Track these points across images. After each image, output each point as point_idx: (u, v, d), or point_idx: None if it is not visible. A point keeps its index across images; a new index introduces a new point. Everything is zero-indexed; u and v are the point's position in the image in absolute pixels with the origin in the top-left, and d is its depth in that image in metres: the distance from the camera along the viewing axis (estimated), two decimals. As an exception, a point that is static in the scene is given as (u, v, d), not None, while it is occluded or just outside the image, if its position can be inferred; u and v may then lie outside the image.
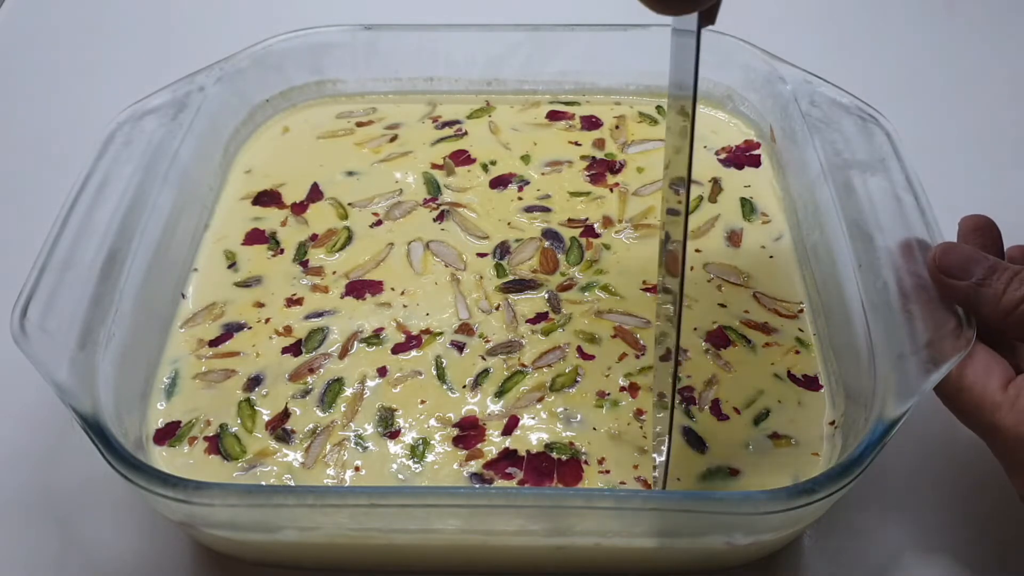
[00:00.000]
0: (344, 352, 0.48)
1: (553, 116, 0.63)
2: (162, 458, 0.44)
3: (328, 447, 0.44)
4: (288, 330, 0.49)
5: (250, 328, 0.50)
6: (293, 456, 0.44)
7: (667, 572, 0.44)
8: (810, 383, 0.47)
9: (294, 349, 0.48)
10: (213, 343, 0.49)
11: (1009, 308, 0.40)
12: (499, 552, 0.42)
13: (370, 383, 0.47)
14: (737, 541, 0.40)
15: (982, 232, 0.45)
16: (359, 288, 0.51)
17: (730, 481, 0.43)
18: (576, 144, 0.61)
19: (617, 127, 0.62)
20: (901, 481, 0.47)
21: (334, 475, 0.43)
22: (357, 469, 0.44)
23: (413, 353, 0.48)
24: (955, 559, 0.44)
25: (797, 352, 0.48)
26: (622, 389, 0.47)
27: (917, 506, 0.46)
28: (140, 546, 0.45)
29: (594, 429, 0.45)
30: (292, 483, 0.43)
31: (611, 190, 0.57)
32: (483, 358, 0.48)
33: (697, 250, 0.53)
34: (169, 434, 0.45)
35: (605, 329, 0.49)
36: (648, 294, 0.51)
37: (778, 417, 0.45)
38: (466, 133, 0.61)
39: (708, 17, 0.38)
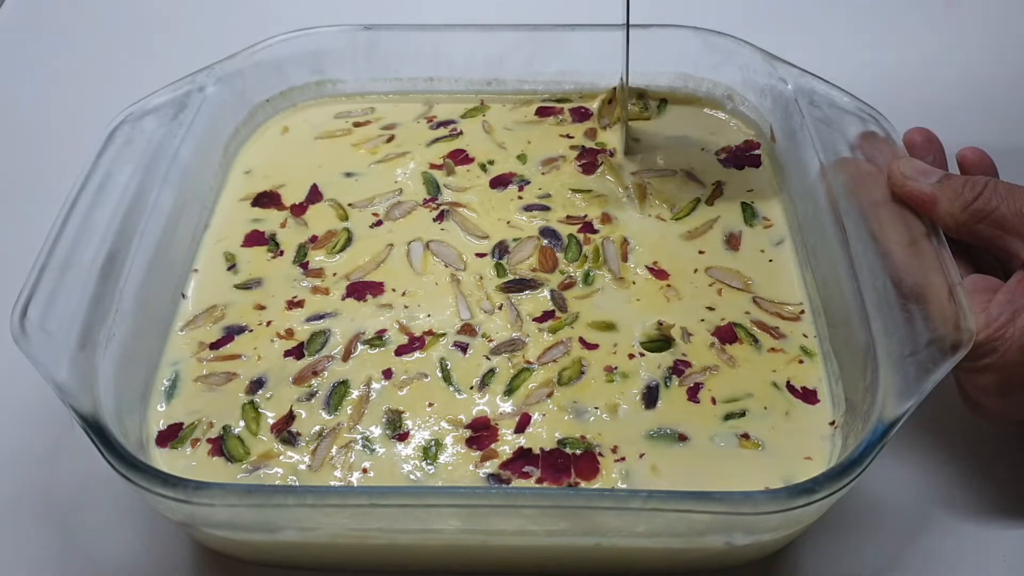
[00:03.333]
0: (347, 354, 0.48)
1: (543, 112, 0.63)
2: (164, 460, 0.44)
3: (335, 450, 0.44)
4: (290, 333, 0.49)
5: (251, 331, 0.49)
6: (299, 458, 0.44)
7: (667, 572, 0.44)
8: (808, 396, 0.46)
9: (296, 352, 0.48)
10: (214, 345, 0.49)
11: (966, 204, 0.44)
12: (499, 552, 0.42)
13: (376, 385, 0.47)
14: (737, 541, 0.40)
15: (931, 144, 0.50)
16: (360, 290, 0.51)
17: (676, 445, 0.44)
18: (568, 137, 0.61)
19: (610, 101, 0.61)
20: (904, 478, 0.47)
21: (340, 477, 0.43)
22: (365, 471, 0.43)
23: (417, 355, 0.48)
24: (957, 557, 0.44)
25: (801, 362, 0.48)
26: (630, 356, 0.47)
27: (918, 504, 0.46)
28: (140, 546, 0.45)
29: (597, 408, 0.45)
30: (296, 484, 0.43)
31: (608, 155, 0.58)
32: (487, 358, 0.48)
33: (700, 251, 0.53)
34: (171, 436, 0.45)
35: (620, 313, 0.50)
36: (651, 274, 0.52)
37: (755, 422, 0.45)
38: (461, 133, 0.61)
39: None
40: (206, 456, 0.44)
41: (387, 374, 0.47)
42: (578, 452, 0.44)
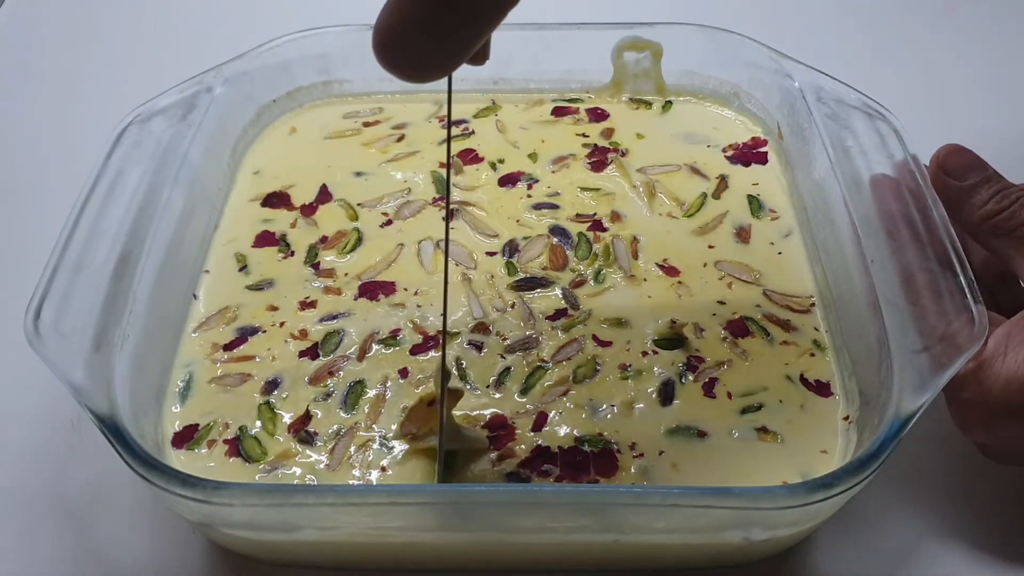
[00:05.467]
0: (362, 354, 0.48)
1: (559, 112, 0.63)
2: (180, 462, 0.44)
3: (352, 449, 0.44)
4: (304, 333, 0.49)
5: (264, 332, 0.49)
6: (317, 458, 0.44)
7: (684, 568, 0.44)
8: (821, 389, 0.47)
9: (311, 352, 0.48)
10: (228, 347, 0.49)
11: (986, 216, 0.43)
12: (517, 550, 0.42)
13: (391, 384, 0.47)
14: (754, 536, 0.40)
15: None
16: (372, 289, 0.51)
17: (696, 441, 0.44)
18: (584, 136, 0.61)
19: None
20: (915, 475, 0.47)
21: (359, 476, 0.43)
22: (383, 470, 0.43)
23: (432, 354, 0.48)
24: (970, 551, 0.45)
25: (812, 355, 0.48)
26: (643, 354, 0.47)
27: (931, 499, 0.46)
28: (154, 546, 0.45)
29: (613, 406, 0.45)
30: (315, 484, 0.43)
31: (618, 154, 0.58)
32: (502, 356, 0.48)
33: (710, 246, 0.54)
34: (187, 437, 0.45)
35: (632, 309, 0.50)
36: (662, 271, 0.52)
37: (772, 415, 0.45)
38: (473, 132, 0.61)
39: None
40: (223, 457, 0.44)
41: (403, 373, 0.47)
42: (596, 450, 0.44)
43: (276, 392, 0.47)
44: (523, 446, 0.44)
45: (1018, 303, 0.43)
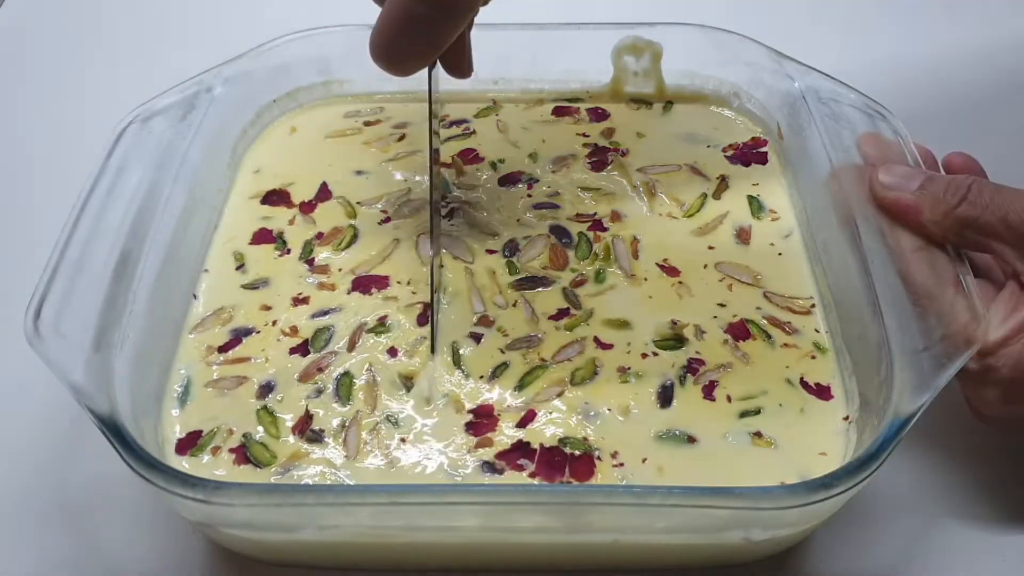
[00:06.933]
0: (352, 345, 0.48)
1: (560, 112, 0.63)
2: (184, 469, 0.43)
3: (364, 435, 0.44)
4: (294, 330, 0.49)
5: (258, 332, 0.49)
6: (333, 452, 0.44)
7: (684, 568, 0.44)
8: (822, 392, 0.47)
9: (301, 349, 0.48)
10: (222, 349, 0.48)
11: (949, 209, 0.43)
12: (517, 550, 0.42)
13: (377, 367, 0.47)
14: (754, 537, 0.40)
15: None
16: (365, 283, 0.51)
17: (685, 447, 0.44)
18: (584, 135, 0.61)
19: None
20: (915, 474, 0.47)
21: (383, 456, 0.43)
22: (404, 440, 0.44)
23: (423, 330, 0.48)
24: (970, 551, 0.45)
25: (813, 357, 0.48)
26: (643, 356, 0.47)
27: (931, 499, 0.46)
28: (155, 546, 0.45)
29: (609, 410, 0.45)
30: (346, 479, 0.43)
31: (618, 154, 0.59)
32: (502, 351, 0.48)
33: (710, 247, 0.54)
34: (190, 444, 0.45)
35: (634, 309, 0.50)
36: (662, 271, 0.52)
37: (770, 420, 0.45)
38: (474, 132, 0.61)
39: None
40: (232, 464, 0.44)
41: (392, 352, 0.48)
42: (576, 453, 0.44)
43: (271, 395, 0.46)
44: (503, 438, 0.44)
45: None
